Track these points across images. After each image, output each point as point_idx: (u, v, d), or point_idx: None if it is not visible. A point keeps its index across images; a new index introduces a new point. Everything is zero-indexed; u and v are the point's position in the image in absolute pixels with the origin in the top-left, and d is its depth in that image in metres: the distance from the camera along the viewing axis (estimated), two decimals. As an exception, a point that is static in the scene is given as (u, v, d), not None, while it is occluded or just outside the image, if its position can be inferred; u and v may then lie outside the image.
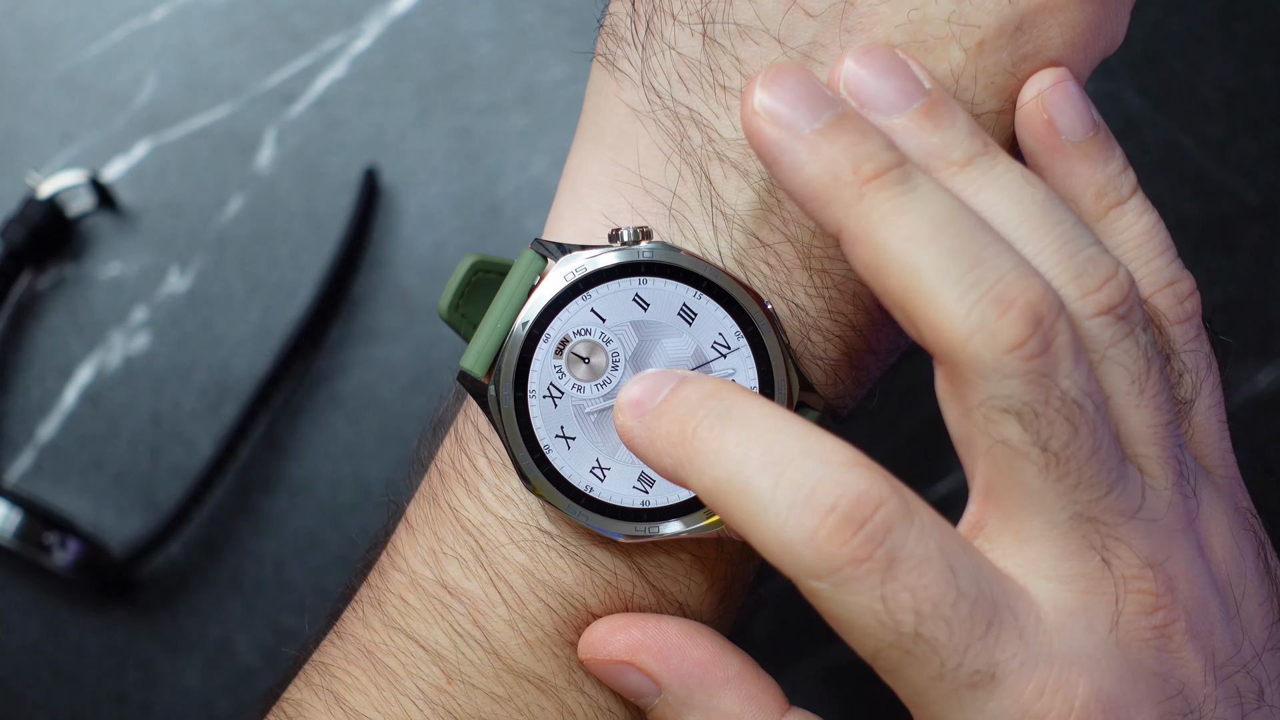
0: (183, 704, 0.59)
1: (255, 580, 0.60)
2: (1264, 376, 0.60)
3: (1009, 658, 0.30)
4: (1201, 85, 0.61)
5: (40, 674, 0.59)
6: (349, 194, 0.61)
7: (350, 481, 0.60)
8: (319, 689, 0.39)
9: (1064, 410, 0.31)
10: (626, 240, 0.36)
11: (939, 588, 0.30)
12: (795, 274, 0.37)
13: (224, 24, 0.62)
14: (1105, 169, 0.36)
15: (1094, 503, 0.31)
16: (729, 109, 0.37)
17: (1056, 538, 0.32)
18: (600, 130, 0.39)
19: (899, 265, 0.31)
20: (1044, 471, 0.31)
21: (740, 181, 0.37)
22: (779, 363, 0.36)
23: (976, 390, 0.31)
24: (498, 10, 0.62)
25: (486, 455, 0.38)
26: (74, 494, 0.60)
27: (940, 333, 0.31)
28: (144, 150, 0.61)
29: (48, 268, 0.61)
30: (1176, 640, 0.32)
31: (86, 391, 0.60)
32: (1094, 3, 0.36)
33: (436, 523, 0.39)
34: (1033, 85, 0.36)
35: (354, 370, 0.60)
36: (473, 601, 0.38)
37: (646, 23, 0.38)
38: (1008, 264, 0.31)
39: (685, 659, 0.37)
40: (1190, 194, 0.60)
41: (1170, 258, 0.36)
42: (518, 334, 0.36)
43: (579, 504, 0.37)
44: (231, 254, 0.61)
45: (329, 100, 0.61)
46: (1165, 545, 0.33)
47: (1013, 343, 0.30)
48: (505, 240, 0.61)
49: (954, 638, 0.30)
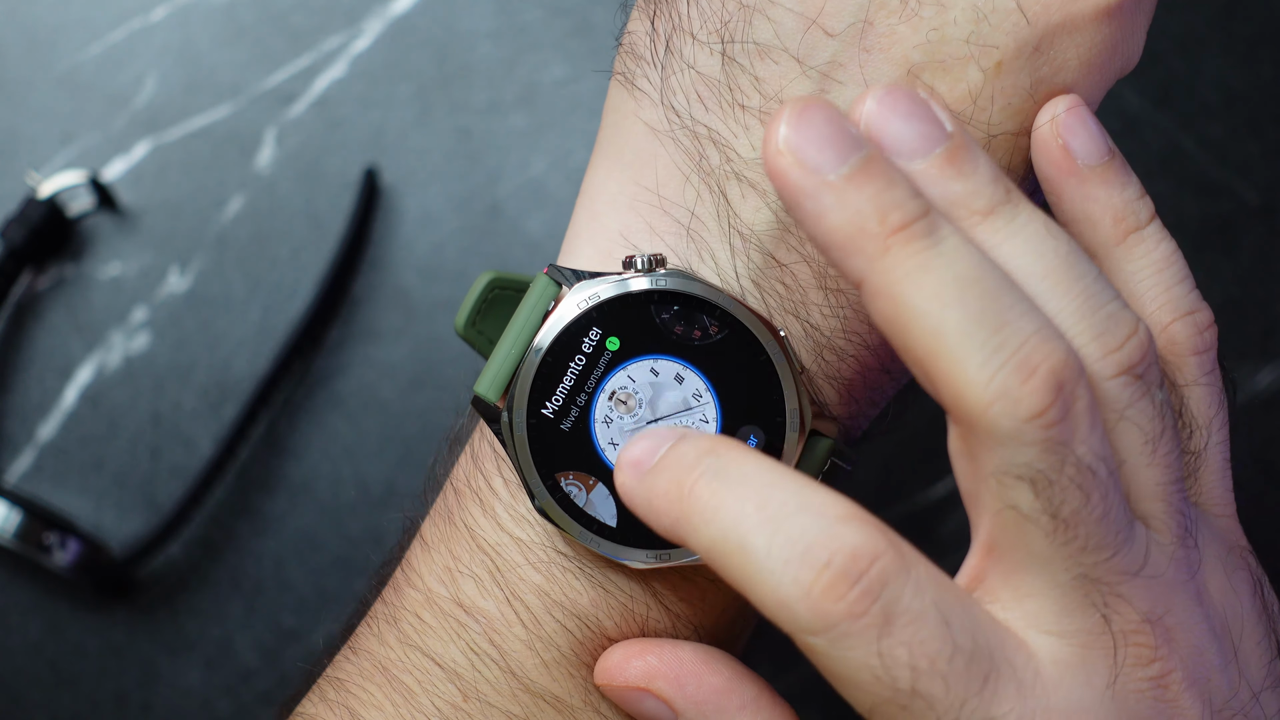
0: (183, 704, 0.59)
1: (255, 580, 0.60)
2: (1264, 376, 0.60)
3: (1006, 712, 0.30)
4: (1202, 85, 0.61)
5: (40, 674, 0.59)
6: (349, 194, 0.61)
7: (350, 481, 0.60)
8: (334, 704, 0.39)
9: (1077, 478, 0.31)
10: (640, 268, 0.36)
11: (935, 643, 0.30)
12: (811, 294, 0.37)
13: (224, 24, 0.62)
14: (1123, 193, 0.36)
15: (1099, 564, 0.31)
16: (747, 128, 0.37)
17: (1058, 596, 0.31)
18: (619, 149, 0.38)
19: (922, 325, 0.30)
20: (1051, 536, 0.31)
21: (758, 201, 0.37)
22: (791, 392, 0.36)
23: (993, 456, 0.31)
24: (498, 10, 0.62)
25: (502, 475, 0.38)
26: (74, 494, 0.60)
27: (961, 397, 0.30)
28: (144, 150, 0.61)
29: (48, 268, 0.61)
30: (1174, 690, 0.32)
31: (86, 391, 0.60)
32: (1111, 24, 0.36)
33: (452, 541, 0.39)
34: (1046, 111, 0.36)
35: (354, 370, 0.60)
36: (489, 621, 0.38)
37: (666, 41, 0.38)
38: (1031, 327, 0.30)
39: (701, 686, 0.37)
40: (1190, 194, 0.60)
41: (1189, 286, 0.36)
42: (531, 360, 0.36)
43: (591, 530, 0.37)
44: (231, 254, 0.61)
45: (329, 100, 0.61)
46: (1165, 599, 0.32)
47: (1034, 411, 0.30)
48: (505, 240, 0.61)
49: (950, 693, 0.30)
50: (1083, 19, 0.36)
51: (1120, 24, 0.36)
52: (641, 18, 0.39)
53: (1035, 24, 0.36)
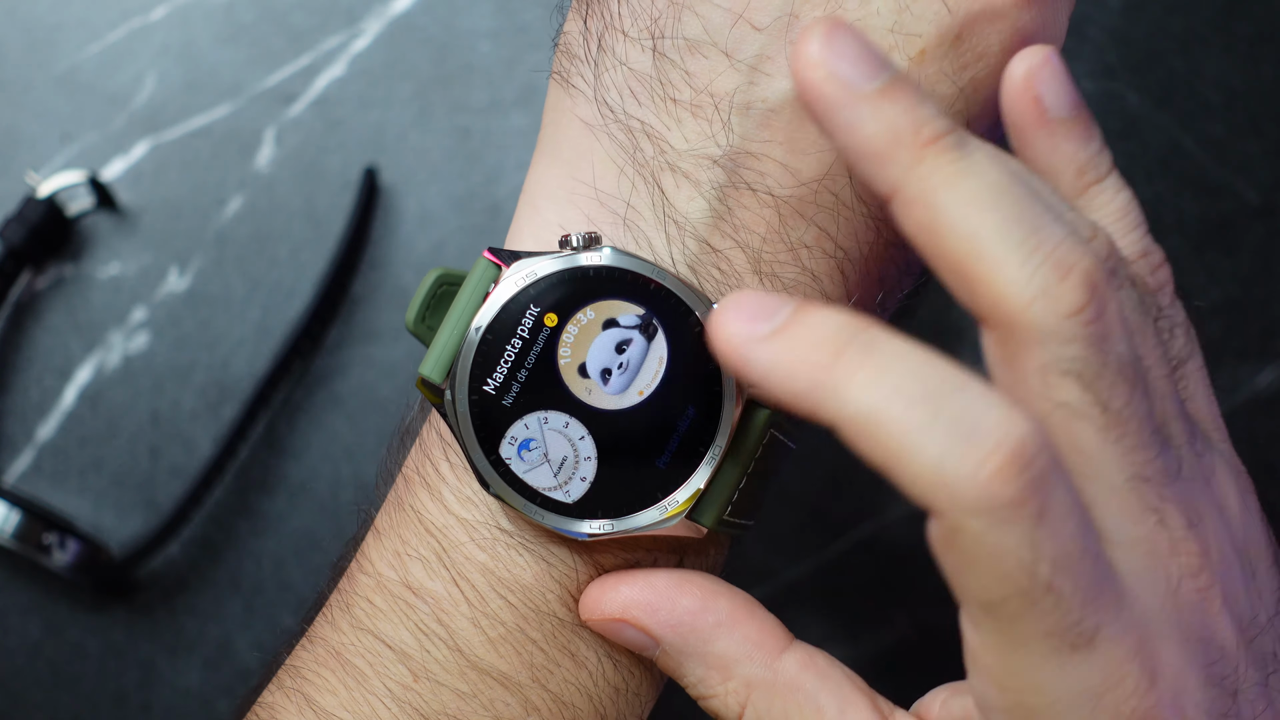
0: (182, 704, 0.59)
1: (255, 580, 0.60)
2: (1264, 376, 0.60)
3: (1110, 622, 0.31)
4: (1202, 85, 0.61)
5: (40, 674, 0.59)
6: (349, 194, 0.61)
7: (350, 481, 0.60)
8: (290, 691, 0.40)
9: (1122, 371, 0.31)
10: (575, 246, 0.37)
11: (1076, 542, 0.30)
12: (746, 278, 0.38)
13: (224, 24, 0.62)
14: (1087, 148, 0.37)
15: (1148, 463, 0.32)
16: (680, 121, 0.38)
17: (1117, 503, 0.32)
18: (556, 145, 0.39)
19: (960, 230, 0.31)
20: (1104, 432, 0.31)
21: (692, 191, 0.38)
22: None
23: (1036, 355, 0.31)
24: (498, 10, 0.62)
25: (449, 460, 0.39)
26: (73, 494, 0.60)
27: (1001, 298, 0.31)
28: (143, 150, 0.61)
29: (47, 267, 0.61)
30: (1216, 604, 0.33)
31: (86, 391, 0.60)
32: (1031, 10, 0.37)
33: (401, 526, 0.39)
34: (1021, 61, 0.36)
35: (354, 370, 0.60)
36: (436, 601, 0.38)
37: (598, 40, 0.39)
38: (1061, 232, 0.31)
39: (674, 609, 0.37)
40: (1190, 194, 0.60)
41: (1143, 233, 0.37)
42: (472, 338, 0.37)
43: (535, 503, 0.37)
44: (231, 254, 0.61)
45: (329, 100, 0.61)
46: (1197, 507, 0.33)
47: (1074, 307, 0.31)
48: (505, 240, 0.61)
49: (1076, 592, 0.30)
50: (1003, 6, 0.36)
51: (1040, 10, 0.37)
52: (575, 18, 0.40)
53: (956, 12, 0.36)
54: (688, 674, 0.38)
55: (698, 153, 0.37)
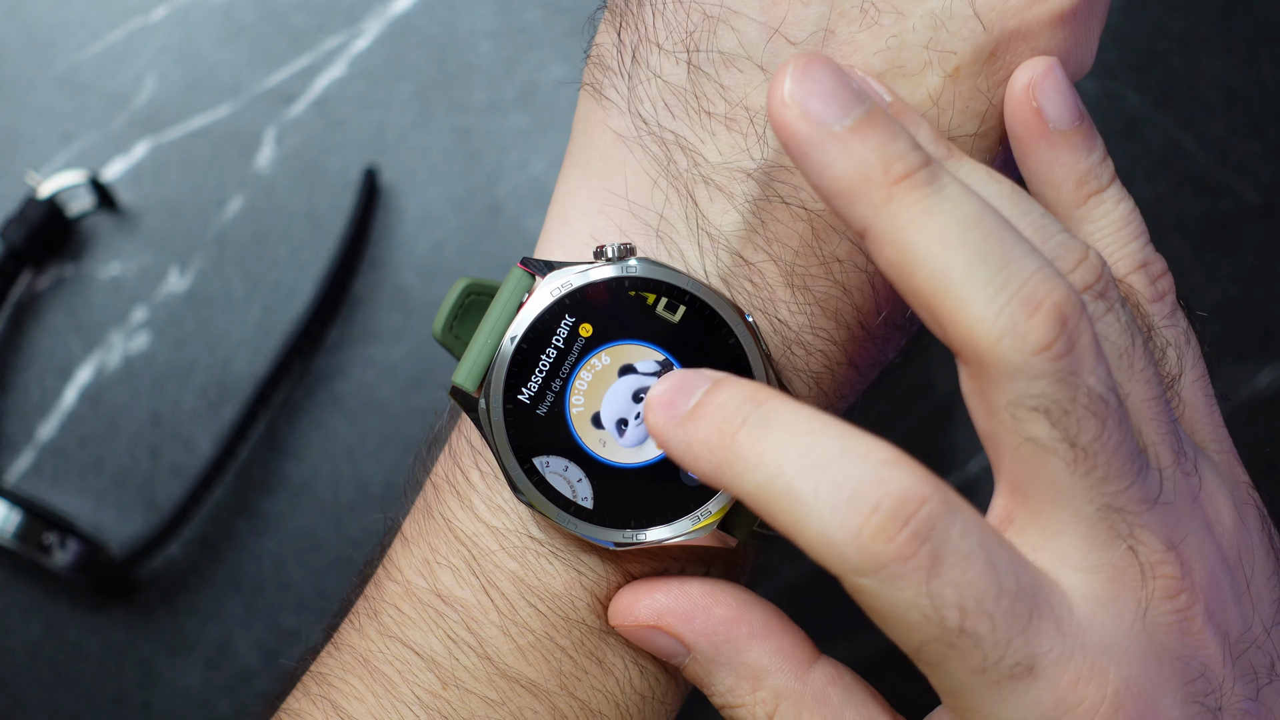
0: (183, 704, 0.59)
1: (255, 580, 0.60)
2: (1264, 376, 0.60)
3: (1047, 650, 0.31)
4: (1202, 85, 0.61)
5: (40, 674, 0.59)
6: (349, 194, 0.61)
7: (350, 481, 0.60)
8: (316, 698, 0.39)
9: (1091, 406, 0.31)
10: (611, 256, 0.37)
11: (982, 583, 0.31)
12: (778, 291, 0.38)
13: (224, 24, 0.62)
14: (1088, 159, 0.37)
15: (1120, 493, 0.32)
16: (714, 134, 0.38)
17: (1085, 530, 0.32)
18: (588, 157, 0.39)
19: (928, 267, 0.31)
20: (1072, 466, 0.32)
21: (725, 204, 0.38)
22: (760, 374, 0.37)
23: (1004, 390, 0.31)
24: (498, 10, 0.62)
25: (479, 468, 0.39)
26: (74, 494, 0.60)
27: (969, 335, 0.31)
28: (144, 150, 0.61)
29: (47, 268, 0.61)
30: (1197, 623, 0.33)
31: (86, 391, 0.60)
32: (1064, 30, 0.37)
33: (430, 534, 0.39)
34: (1024, 72, 0.37)
35: (354, 370, 0.60)
36: (466, 609, 0.38)
37: (633, 52, 0.39)
38: (1033, 265, 0.31)
39: (709, 618, 0.38)
40: (1190, 194, 0.60)
41: (1144, 242, 0.37)
42: (506, 348, 0.37)
43: (568, 512, 0.37)
44: (231, 254, 0.61)
45: (329, 100, 0.61)
46: (1180, 527, 0.33)
47: (1041, 344, 0.31)
48: (505, 240, 0.61)
49: (996, 632, 0.31)
50: (1038, 25, 0.37)
51: (1074, 30, 0.37)
52: (608, 30, 0.40)
53: (991, 30, 0.37)
54: (717, 683, 0.38)
55: (731, 165, 0.37)
